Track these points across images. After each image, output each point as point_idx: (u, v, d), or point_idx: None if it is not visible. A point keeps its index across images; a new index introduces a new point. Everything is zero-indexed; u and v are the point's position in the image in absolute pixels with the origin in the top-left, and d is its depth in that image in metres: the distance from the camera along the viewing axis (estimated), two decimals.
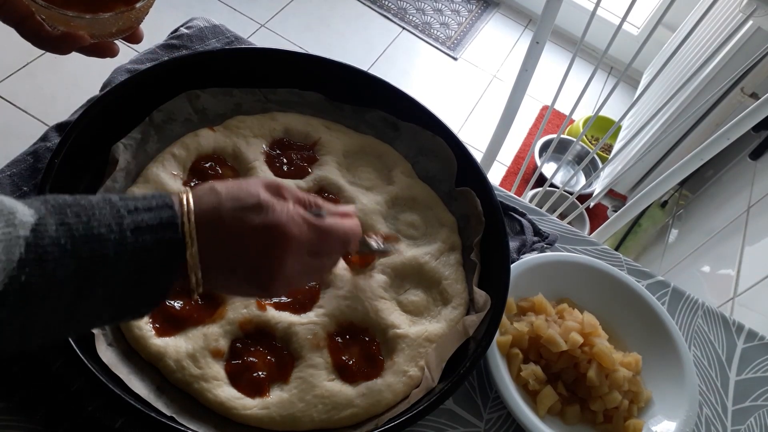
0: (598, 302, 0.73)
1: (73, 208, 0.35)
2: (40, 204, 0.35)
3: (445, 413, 0.64)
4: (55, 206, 0.35)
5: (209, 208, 0.41)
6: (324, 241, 0.46)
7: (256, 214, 0.41)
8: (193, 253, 0.39)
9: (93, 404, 0.54)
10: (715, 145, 1.07)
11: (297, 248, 0.43)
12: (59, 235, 0.34)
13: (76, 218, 0.35)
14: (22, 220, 0.33)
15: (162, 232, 0.38)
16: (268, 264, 0.42)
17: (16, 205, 0.34)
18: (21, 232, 0.32)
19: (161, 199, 0.39)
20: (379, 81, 0.75)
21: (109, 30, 0.52)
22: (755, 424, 0.72)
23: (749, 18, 1.08)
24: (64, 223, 0.34)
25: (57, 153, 0.59)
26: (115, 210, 0.37)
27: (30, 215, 0.33)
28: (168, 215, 0.38)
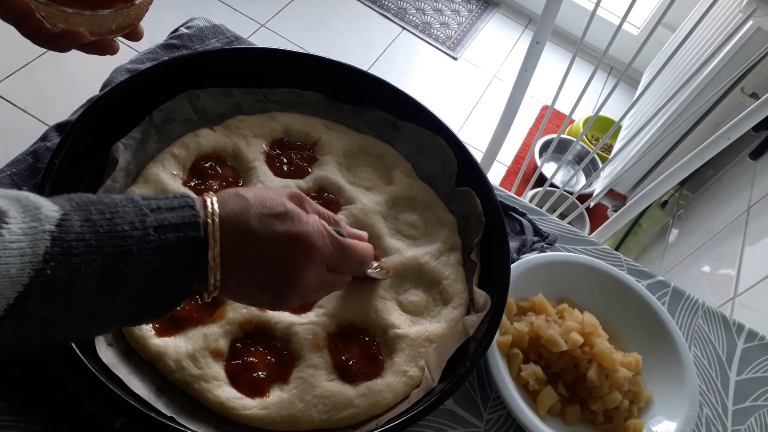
0: (598, 302, 0.73)
1: (97, 206, 0.36)
2: (64, 201, 0.35)
3: (445, 413, 0.64)
4: (79, 203, 0.36)
5: (236, 212, 0.41)
6: (344, 258, 0.47)
7: (283, 222, 0.42)
8: (216, 254, 0.39)
9: (93, 404, 0.54)
10: (715, 145, 1.07)
11: (319, 260, 0.44)
12: (84, 231, 0.34)
13: (100, 215, 0.35)
14: (48, 215, 0.33)
15: (185, 230, 0.38)
16: (290, 271, 0.43)
17: (41, 201, 0.34)
18: (47, 226, 0.33)
19: (183, 200, 0.40)
20: (379, 81, 0.75)
21: (109, 27, 0.52)
22: (755, 424, 0.72)
23: (749, 18, 1.08)
24: (88, 219, 0.35)
25: (57, 153, 0.59)
26: (138, 208, 0.37)
27: (55, 210, 0.34)
28: (190, 215, 0.39)
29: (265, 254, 0.42)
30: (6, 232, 0.31)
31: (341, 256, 0.46)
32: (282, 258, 0.42)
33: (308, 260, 0.43)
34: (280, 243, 0.42)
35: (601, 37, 2.33)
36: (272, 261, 0.42)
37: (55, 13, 0.49)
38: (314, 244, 0.43)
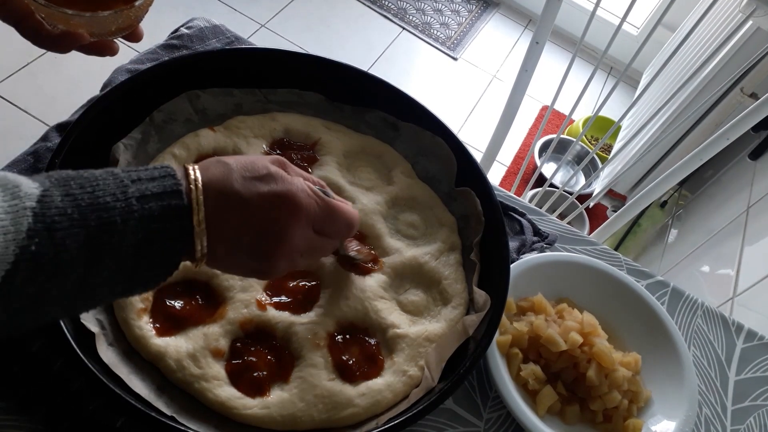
0: (598, 302, 0.73)
1: (77, 180, 0.36)
2: (44, 178, 0.35)
3: (445, 413, 0.64)
4: (59, 179, 0.35)
5: (218, 176, 0.41)
6: (330, 218, 0.46)
7: (267, 183, 0.42)
8: (200, 218, 0.39)
9: (93, 404, 0.54)
10: (714, 145, 1.07)
11: (305, 219, 0.43)
12: (66, 205, 0.34)
13: (80, 189, 0.35)
14: (28, 192, 0.33)
15: (167, 199, 0.38)
16: (276, 232, 0.42)
17: (20, 179, 0.34)
18: (27, 203, 0.33)
19: (164, 170, 0.40)
20: (379, 81, 0.75)
21: (109, 28, 0.52)
22: (755, 423, 0.73)
23: (749, 18, 1.09)
24: (69, 194, 0.35)
25: (57, 153, 0.59)
26: (119, 180, 0.37)
27: (35, 187, 0.34)
28: (171, 183, 0.39)
29: (250, 216, 0.41)
30: None
31: (328, 215, 0.45)
32: (267, 219, 0.42)
33: (294, 219, 0.42)
34: (265, 203, 0.41)
35: (601, 37, 2.33)
36: (258, 222, 0.42)
37: (55, 14, 0.49)
38: (299, 203, 0.42)
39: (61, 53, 0.52)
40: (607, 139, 1.27)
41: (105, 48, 0.54)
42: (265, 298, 0.62)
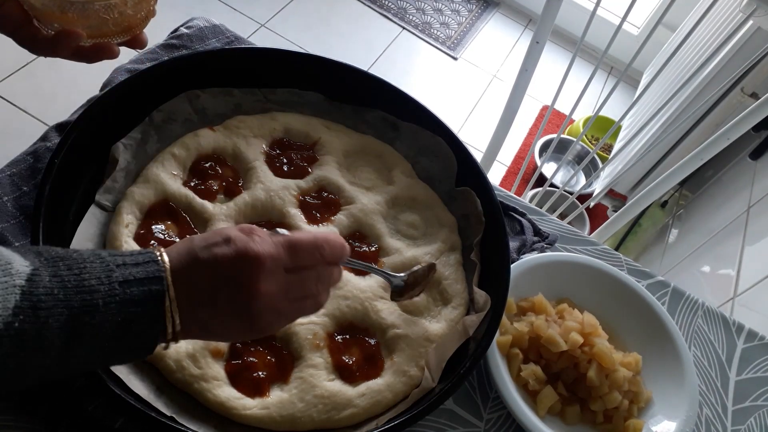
0: (598, 302, 0.73)
1: (66, 261, 0.37)
2: (34, 257, 0.37)
3: (445, 413, 0.64)
4: (48, 259, 0.37)
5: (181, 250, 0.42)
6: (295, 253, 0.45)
7: (226, 246, 0.42)
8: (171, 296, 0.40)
9: (93, 404, 0.54)
10: (715, 145, 1.07)
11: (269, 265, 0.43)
12: (53, 286, 0.36)
13: (68, 270, 0.37)
14: (19, 270, 0.35)
15: (148, 284, 0.40)
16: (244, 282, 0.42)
17: (13, 256, 0.36)
18: (17, 281, 0.34)
19: (147, 255, 0.41)
20: (379, 81, 0.75)
21: (106, 26, 0.52)
22: (755, 424, 0.72)
23: (749, 18, 1.08)
24: (57, 274, 0.36)
25: (57, 153, 0.59)
26: (105, 264, 0.39)
27: (26, 266, 0.35)
28: (154, 269, 0.40)
29: (215, 276, 0.42)
30: None
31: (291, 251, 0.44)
32: (232, 276, 0.42)
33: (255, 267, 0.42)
34: (225, 261, 0.42)
35: (601, 37, 2.33)
36: (225, 281, 0.42)
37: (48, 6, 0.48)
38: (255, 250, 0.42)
39: (59, 57, 0.52)
40: (607, 139, 1.27)
41: (105, 51, 0.53)
42: None
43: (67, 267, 0.37)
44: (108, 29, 0.52)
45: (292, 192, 0.70)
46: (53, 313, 0.35)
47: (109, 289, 0.38)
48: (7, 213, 0.63)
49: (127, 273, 0.39)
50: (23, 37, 0.50)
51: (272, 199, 0.68)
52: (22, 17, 0.49)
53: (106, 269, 0.38)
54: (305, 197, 0.70)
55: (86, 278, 0.37)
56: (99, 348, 0.38)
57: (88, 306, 0.37)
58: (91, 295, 0.37)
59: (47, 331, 0.35)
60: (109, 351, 0.39)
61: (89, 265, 0.38)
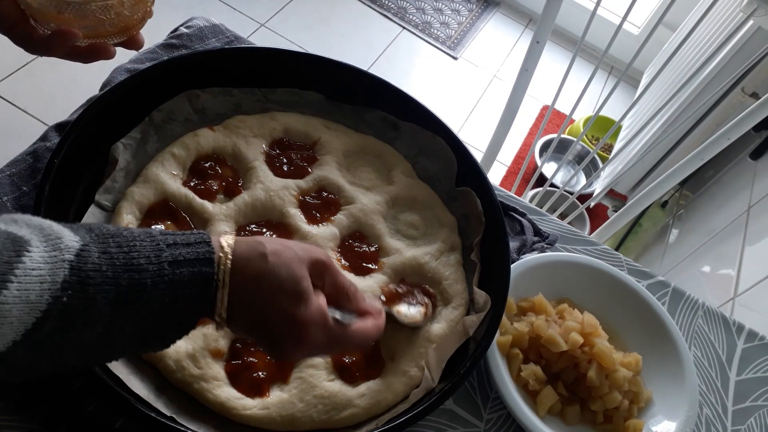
0: (599, 302, 0.73)
1: (116, 239, 0.37)
2: (84, 232, 0.37)
3: (445, 413, 0.64)
4: (99, 235, 0.37)
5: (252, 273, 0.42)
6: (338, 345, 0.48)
7: (288, 302, 0.43)
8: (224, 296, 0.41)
9: (93, 404, 0.54)
10: (715, 145, 1.07)
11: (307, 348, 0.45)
12: (101, 262, 0.35)
13: (117, 248, 0.37)
14: (68, 245, 0.35)
15: (199, 266, 0.40)
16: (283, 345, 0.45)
17: (63, 231, 0.35)
18: (66, 255, 0.34)
19: (200, 236, 0.41)
20: (379, 81, 0.75)
21: (102, 26, 0.52)
22: (755, 424, 0.72)
23: (749, 18, 1.08)
24: (106, 251, 0.36)
25: (57, 153, 0.59)
26: (155, 243, 0.39)
27: (76, 241, 0.35)
28: (205, 251, 0.40)
29: (263, 323, 0.43)
30: (28, 259, 0.32)
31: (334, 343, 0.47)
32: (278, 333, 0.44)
33: (298, 346, 0.44)
34: (278, 320, 0.43)
35: (602, 37, 2.33)
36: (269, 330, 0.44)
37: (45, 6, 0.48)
38: (306, 336, 0.44)
39: (56, 56, 0.52)
40: (607, 139, 1.27)
41: (101, 50, 0.53)
42: None
43: (116, 244, 0.37)
44: (104, 30, 0.52)
45: (292, 192, 0.69)
46: (101, 290, 0.35)
47: (158, 269, 0.38)
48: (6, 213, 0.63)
49: (177, 253, 0.39)
50: (19, 35, 0.50)
51: (272, 199, 0.68)
52: (18, 16, 0.49)
53: (156, 248, 0.38)
54: (305, 197, 0.70)
55: (135, 257, 0.37)
56: (142, 327, 0.38)
57: (136, 285, 0.36)
58: (140, 274, 0.37)
59: (94, 308, 0.35)
60: (151, 330, 0.39)
61: (139, 244, 0.38)
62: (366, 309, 0.50)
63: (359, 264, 0.67)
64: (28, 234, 0.34)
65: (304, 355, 0.47)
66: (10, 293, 0.31)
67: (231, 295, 0.41)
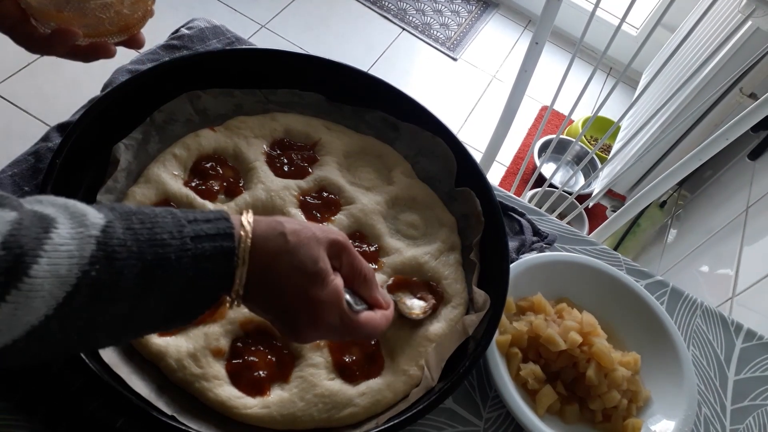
0: (597, 302, 0.74)
1: (138, 216, 0.38)
2: (107, 210, 0.37)
3: (445, 412, 0.64)
4: (122, 213, 0.38)
5: (271, 252, 0.43)
6: (349, 332, 0.49)
7: (306, 281, 0.44)
8: (242, 273, 0.41)
9: (93, 404, 0.55)
10: (713, 146, 1.07)
11: (323, 328, 0.47)
12: (126, 238, 0.36)
13: (140, 224, 0.38)
14: (93, 222, 0.35)
15: (220, 240, 0.40)
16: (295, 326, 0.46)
17: (87, 209, 0.36)
18: (92, 231, 0.35)
19: (219, 213, 0.42)
20: (379, 81, 0.75)
21: (102, 25, 0.52)
22: (754, 423, 0.73)
23: (748, 18, 1.09)
24: (130, 227, 0.37)
25: (58, 153, 0.59)
26: (177, 219, 0.40)
27: (100, 218, 0.36)
28: (225, 226, 0.41)
29: (281, 300, 0.44)
30: (56, 235, 0.33)
31: (346, 330, 0.48)
32: (293, 311, 0.45)
33: (312, 325, 0.46)
34: (296, 299, 0.44)
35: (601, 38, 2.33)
36: (285, 309, 0.45)
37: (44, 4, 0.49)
38: (322, 316, 0.45)
39: (57, 56, 0.52)
40: (606, 140, 1.27)
41: (101, 50, 0.54)
42: None
43: (139, 221, 0.38)
44: (104, 28, 0.52)
45: (292, 192, 0.70)
46: (128, 264, 0.36)
47: (181, 244, 0.38)
48: None
49: (198, 228, 0.40)
50: (19, 34, 0.50)
51: (273, 200, 0.68)
52: (18, 15, 0.49)
53: (178, 224, 0.39)
54: (306, 197, 0.71)
55: (158, 232, 0.38)
56: (167, 302, 0.39)
57: (161, 259, 0.37)
58: (164, 249, 0.38)
59: (122, 282, 0.36)
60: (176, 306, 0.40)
61: (161, 220, 0.39)
62: (378, 299, 0.51)
63: None
64: (54, 212, 0.35)
65: (317, 335, 0.48)
66: (41, 268, 0.32)
67: (250, 272, 0.42)
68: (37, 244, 0.32)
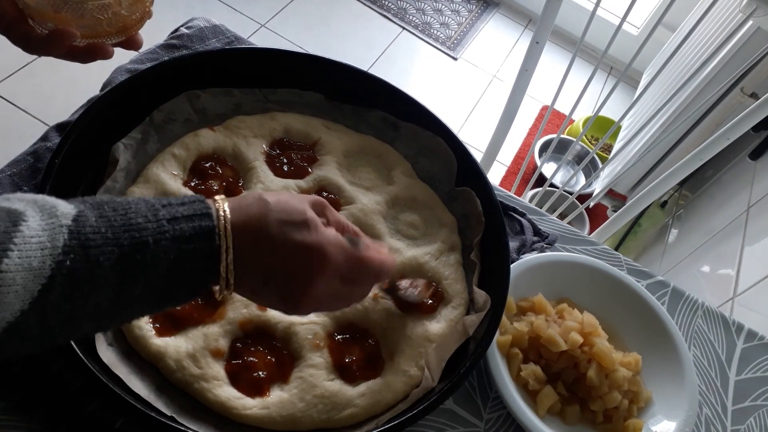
0: (598, 302, 0.73)
1: (110, 204, 0.38)
2: (78, 202, 0.37)
3: (445, 413, 0.64)
4: (93, 203, 0.37)
5: (255, 215, 0.42)
6: (357, 271, 0.47)
7: (300, 231, 0.43)
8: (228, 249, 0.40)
9: (93, 404, 0.54)
10: (714, 145, 1.07)
11: (331, 272, 0.45)
12: (99, 225, 0.36)
13: (113, 212, 0.37)
14: (64, 212, 0.35)
15: (198, 220, 0.40)
16: (302, 280, 0.44)
17: (57, 201, 0.36)
18: (63, 221, 0.34)
19: (193, 196, 0.41)
20: (379, 81, 0.75)
21: (100, 26, 0.52)
22: (755, 424, 0.72)
23: (749, 18, 1.08)
24: (103, 215, 0.36)
25: (57, 153, 0.59)
26: (150, 205, 0.39)
27: (71, 208, 0.36)
28: (201, 206, 0.40)
29: (279, 261, 0.43)
30: (25, 227, 0.33)
31: (354, 268, 0.46)
32: (295, 267, 0.43)
33: (320, 271, 0.44)
34: (295, 252, 0.43)
35: (601, 37, 2.33)
36: (286, 269, 0.43)
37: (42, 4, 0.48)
38: (327, 257, 0.44)
39: (54, 56, 0.52)
40: (607, 139, 1.27)
41: (99, 50, 0.53)
42: None
43: (112, 208, 0.37)
44: (102, 29, 0.52)
45: (292, 192, 0.70)
46: (104, 251, 0.35)
47: (157, 227, 0.38)
48: None
49: (173, 211, 0.39)
50: (17, 35, 0.50)
51: None
52: (16, 15, 0.49)
53: (152, 208, 0.38)
54: None
55: (132, 217, 0.37)
56: (154, 288, 0.38)
57: (138, 244, 0.37)
58: (140, 233, 0.37)
59: (99, 270, 0.35)
60: (163, 291, 0.39)
61: (134, 206, 0.38)
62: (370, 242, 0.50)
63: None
64: (23, 207, 0.34)
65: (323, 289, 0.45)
66: (12, 261, 0.31)
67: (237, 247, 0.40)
68: (6, 238, 0.32)
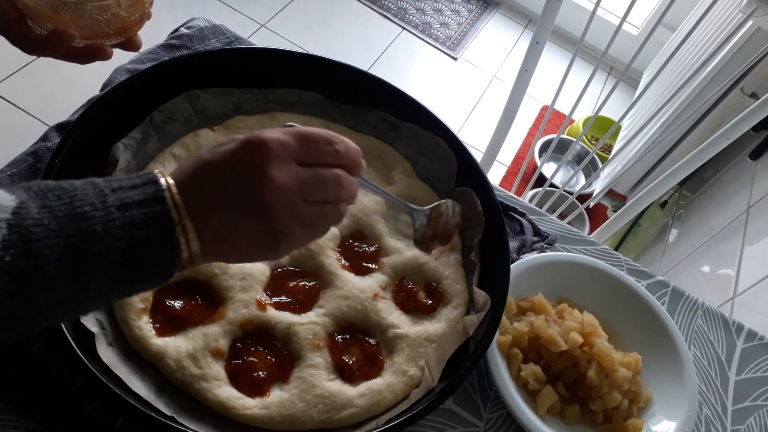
0: (598, 302, 0.73)
1: (55, 192, 0.36)
2: (21, 191, 0.35)
3: (445, 413, 0.64)
4: (37, 192, 0.35)
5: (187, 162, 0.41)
6: (306, 142, 0.43)
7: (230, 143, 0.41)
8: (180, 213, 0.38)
9: (93, 404, 0.54)
10: (714, 145, 1.07)
11: (278, 150, 0.41)
12: (42, 216, 0.34)
13: (58, 200, 0.35)
14: (3, 205, 0.33)
15: (150, 206, 0.38)
16: (254, 171, 0.40)
17: None
18: (1, 215, 0.33)
19: (146, 177, 0.39)
20: (379, 81, 0.75)
21: (99, 27, 0.52)
22: (755, 423, 0.72)
23: (749, 18, 1.08)
24: (46, 205, 0.35)
25: (57, 153, 0.59)
26: (98, 190, 0.37)
27: (11, 200, 0.34)
28: (153, 190, 0.38)
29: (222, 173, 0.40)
30: None
31: (302, 141, 0.43)
32: (240, 165, 0.40)
33: (265, 154, 0.40)
34: (233, 154, 0.40)
35: (601, 37, 2.33)
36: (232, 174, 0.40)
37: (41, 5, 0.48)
38: (263, 137, 0.41)
39: (53, 57, 0.52)
40: (607, 139, 1.27)
41: (98, 51, 0.53)
42: (265, 298, 0.62)
43: (56, 197, 0.35)
44: (101, 30, 0.52)
45: None
46: (47, 244, 0.33)
47: (106, 215, 0.36)
48: None
49: (123, 197, 0.37)
50: (16, 35, 0.50)
51: None
52: (15, 16, 0.49)
53: (100, 194, 0.37)
54: None
55: (78, 206, 0.35)
56: (112, 278, 0.37)
57: (85, 233, 0.35)
58: (87, 222, 0.35)
59: (46, 264, 0.33)
60: (126, 280, 0.38)
61: (81, 193, 0.36)
62: None
63: (359, 264, 0.67)
64: None
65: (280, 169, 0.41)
66: None
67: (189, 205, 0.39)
68: None
